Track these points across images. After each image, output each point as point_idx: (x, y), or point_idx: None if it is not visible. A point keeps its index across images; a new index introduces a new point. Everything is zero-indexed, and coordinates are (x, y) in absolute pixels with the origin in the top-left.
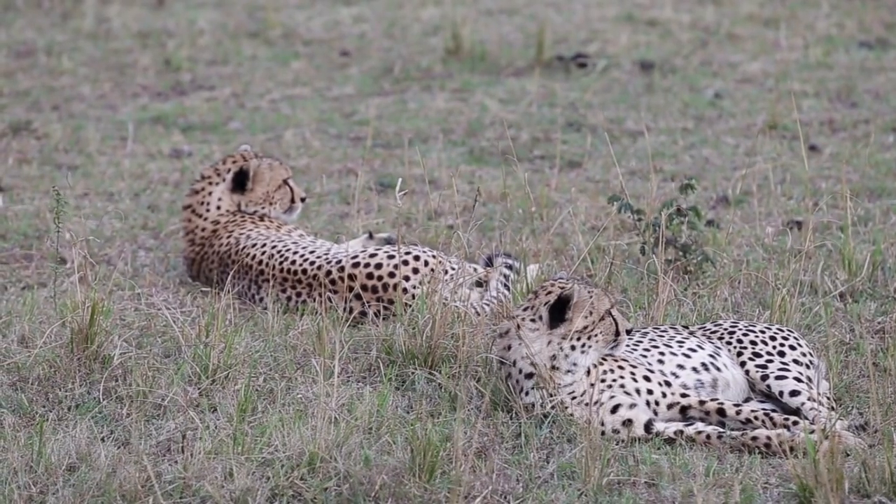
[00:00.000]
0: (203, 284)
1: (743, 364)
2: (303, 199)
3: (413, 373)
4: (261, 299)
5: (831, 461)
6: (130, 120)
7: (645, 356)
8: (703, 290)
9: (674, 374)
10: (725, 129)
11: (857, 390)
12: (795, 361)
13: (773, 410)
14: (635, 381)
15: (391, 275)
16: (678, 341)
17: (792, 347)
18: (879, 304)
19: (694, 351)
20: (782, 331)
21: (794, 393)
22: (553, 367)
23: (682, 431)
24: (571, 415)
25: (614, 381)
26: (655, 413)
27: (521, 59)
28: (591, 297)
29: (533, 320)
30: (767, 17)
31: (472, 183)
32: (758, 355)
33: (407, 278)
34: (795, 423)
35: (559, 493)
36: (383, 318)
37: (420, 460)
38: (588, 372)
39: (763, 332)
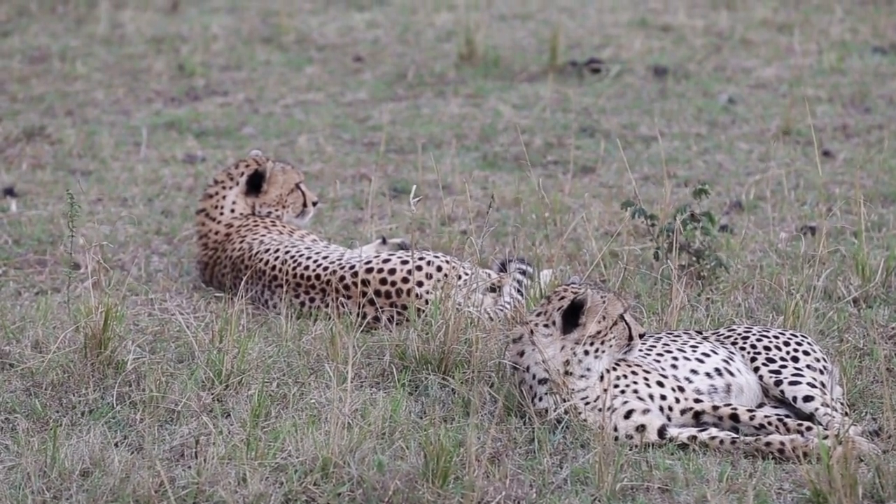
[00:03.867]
0: (216, 289)
1: (756, 369)
2: (314, 204)
3: (426, 378)
4: (274, 305)
5: (845, 467)
6: (144, 125)
7: (658, 361)
8: (716, 296)
9: (687, 379)
10: (739, 134)
11: (870, 396)
12: (809, 367)
13: (787, 416)
14: (648, 386)
15: (405, 280)
16: (692, 346)
17: (805, 353)
18: (893, 310)
19: (707, 356)
20: (796, 336)
21: (807, 398)
22: (566, 373)
23: (695, 437)
24: (585, 420)
25: (627, 386)
26: (669, 418)
27: (535, 64)
28: (603, 301)
29: (546, 326)
30: (781, 22)
31: (486, 188)
32: (771, 360)
33: (420, 283)
34: (809, 428)
35: (573, 499)
36: (396, 324)
37: (433, 466)
38: (601, 377)
39: (777, 337)
